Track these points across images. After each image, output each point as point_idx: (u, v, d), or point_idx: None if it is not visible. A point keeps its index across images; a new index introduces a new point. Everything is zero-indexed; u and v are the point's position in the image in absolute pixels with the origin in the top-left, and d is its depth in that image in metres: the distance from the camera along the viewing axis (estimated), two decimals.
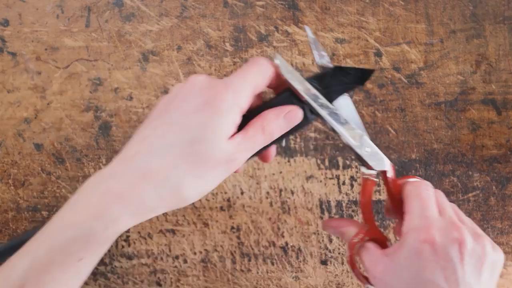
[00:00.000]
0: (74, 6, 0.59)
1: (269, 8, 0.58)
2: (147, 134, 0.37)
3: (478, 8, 0.57)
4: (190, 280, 0.59)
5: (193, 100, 0.37)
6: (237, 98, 0.37)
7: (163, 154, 0.36)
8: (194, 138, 0.36)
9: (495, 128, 0.57)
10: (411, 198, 0.41)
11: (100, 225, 0.34)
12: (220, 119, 0.36)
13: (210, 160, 0.36)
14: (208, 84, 0.37)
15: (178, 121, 0.36)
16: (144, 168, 0.35)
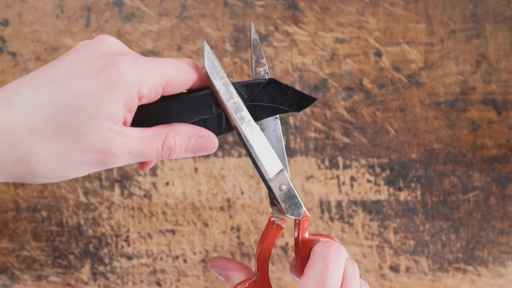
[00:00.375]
0: (74, 6, 0.59)
1: (269, 8, 0.58)
2: (21, 81, 0.30)
3: (478, 8, 0.57)
4: (190, 280, 0.59)
5: (89, 62, 0.30)
6: (141, 80, 0.30)
7: (22, 112, 0.29)
8: (70, 105, 0.29)
9: (495, 128, 0.57)
10: (315, 259, 0.35)
11: None
12: (110, 97, 0.29)
13: (80, 140, 0.29)
14: (114, 50, 0.31)
15: (60, 80, 0.30)
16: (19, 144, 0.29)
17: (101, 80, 0.29)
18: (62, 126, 0.29)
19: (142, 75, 0.30)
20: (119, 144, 0.30)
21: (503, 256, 0.57)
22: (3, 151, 0.29)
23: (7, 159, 0.29)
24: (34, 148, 0.29)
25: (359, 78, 0.58)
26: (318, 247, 0.36)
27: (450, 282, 0.58)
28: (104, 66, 0.30)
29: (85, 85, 0.29)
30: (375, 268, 0.58)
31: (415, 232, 0.58)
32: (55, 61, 0.32)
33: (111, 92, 0.29)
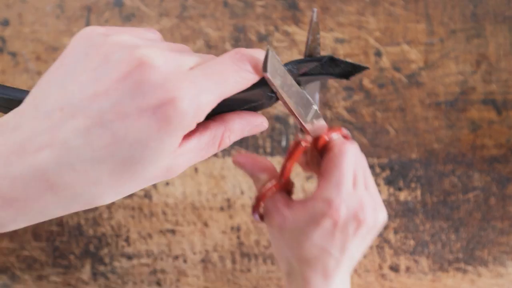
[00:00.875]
0: (74, 6, 0.59)
1: (269, 8, 0.58)
2: (59, 121, 0.26)
3: (479, 8, 0.57)
4: (190, 280, 0.59)
5: (139, 96, 0.26)
6: (201, 114, 0.28)
7: (81, 169, 0.26)
8: (130, 156, 0.27)
9: (496, 128, 0.57)
10: (332, 165, 0.42)
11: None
12: (171, 139, 0.27)
13: (144, 176, 0.28)
14: (164, 77, 0.26)
15: (111, 126, 0.26)
16: (51, 179, 0.26)
17: (160, 124, 0.26)
18: (126, 173, 0.27)
19: (202, 107, 0.27)
20: (181, 163, 0.29)
21: (503, 256, 0.57)
22: (67, 203, 0.27)
23: (73, 207, 0.28)
24: (99, 194, 0.28)
25: (359, 78, 0.58)
26: (334, 153, 0.42)
27: (450, 282, 0.58)
28: (159, 105, 0.26)
29: (143, 131, 0.26)
30: (375, 268, 0.58)
31: (415, 232, 0.58)
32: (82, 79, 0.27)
33: (172, 134, 0.27)
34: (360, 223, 0.42)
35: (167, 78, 0.26)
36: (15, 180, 0.26)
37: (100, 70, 0.27)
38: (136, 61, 0.26)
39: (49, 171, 0.26)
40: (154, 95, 0.26)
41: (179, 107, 0.26)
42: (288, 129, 0.58)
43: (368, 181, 0.44)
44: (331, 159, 0.42)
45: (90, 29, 0.29)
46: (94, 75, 0.27)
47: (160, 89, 0.26)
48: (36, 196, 0.26)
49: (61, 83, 0.27)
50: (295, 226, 0.42)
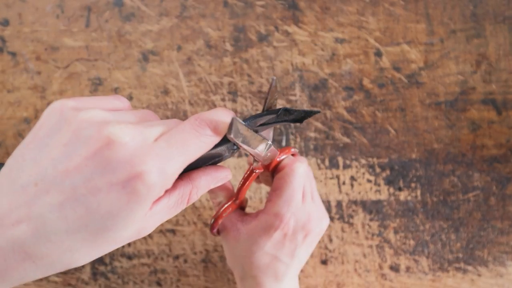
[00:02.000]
0: (74, 6, 0.59)
1: (269, 8, 0.58)
2: (34, 195, 0.28)
3: (478, 8, 0.57)
4: (191, 280, 0.59)
5: (110, 174, 0.28)
6: (168, 182, 0.30)
7: (56, 240, 0.28)
8: (102, 226, 0.29)
9: (495, 128, 0.57)
10: (283, 182, 0.45)
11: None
12: (141, 207, 0.29)
13: (116, 242, 0.30)
14: (131, 153, 0.28)
15: (84, 200, 0.28)
16: (28, 250, 0.28)
17: (129, 196, 0.28)
18: (99, 240, 0.29)
19: (168, 176, 0.30)
20: (151, 223, 0.31)
21: (503, 256, 0.57)
22: (45, 269, 0.29)
23: (52, 271, 0.30)
24: (75, 260, 0.30)
25: (359, 78, 0.58)
26: (286, 172, 0.45)
27: (450, 282, 0.58)
28: (128, 180, 0.28)
29: (114, 204, 0.28)
30: (375, 268, 0.58)
31: (415, 232, 0.58)
32: (55, 154, 0.29)
33: (141, 203, 0.29)
34: (308, 232, 0.46)
35: (134, 153, 0.28)
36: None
37: (71, 146, 0.29)
38: (105, 139, 0.28)
39: (26, 243, 0.28)
40: (123, 170, 0.28)
41: (147, 180, 0.28)
42: (288, 129, 0.58)
43: (314, 193, 0.48)
44: (282, 177, 0.45)
45: (60, 103, 0.31)
46: (66, 150, 0.29)
47: (128, 165, 0.28)
48: (15, 266, 0.28)
49: (34, 157, 0.29)
50: (249, 237, 0.46)
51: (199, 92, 0.59)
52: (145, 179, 0.28)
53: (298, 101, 0.58)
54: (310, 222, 0.46)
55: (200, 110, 0.59)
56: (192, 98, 0.58)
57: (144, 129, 0.30)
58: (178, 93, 0.59)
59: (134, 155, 0.28)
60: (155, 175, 0.29)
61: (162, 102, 0.59)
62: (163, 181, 0.29)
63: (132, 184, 0.28)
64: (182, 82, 0.59)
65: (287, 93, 0.58)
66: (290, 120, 0.38)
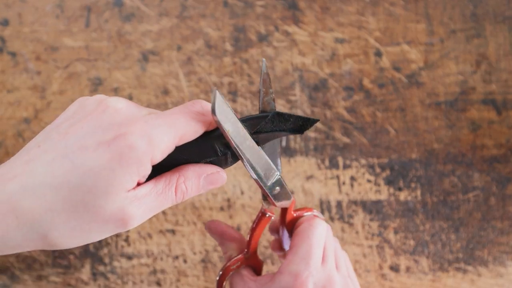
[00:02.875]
0: (74, 6, 0.59)
1: (269, 8, 0.58)
2: (33, 155, 0.31)
3: (479, 8, 0.57)
4: (190, 280, 0.59)
5: (99, 133, 0.30)
6: (153, 149, 0.30)
7: (40, 193, 0.29)
8: (84, 184, 0.29)
9: (495, 128, 0.57)
10: (300, 238, 0.41)
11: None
12: (123, 171, 0.30)
13: (96, 215, 0.30)
14: (123, 117, 0.31)
15: (72, 156, 0.30)
16: (14, 202, 0.29)
17: (112, 154, 0.30)
18: (80, 203, 0.30)
19: (153, 143, 0.30)
20: (136, 207, 0.31)
21: (503, 256, 0.57)
22: (26, 229, 0.30)
23: (30, 236, 0.30)
24: (55, 225, 0.30)
25: (359, 78, 0.58)
26: (303, 226, 0.41)
27: (450, 282, 0.58)
28: (114, 139, 0.30)
29: (97, 161, 0.29)
30: (375, 268, 0.58)
31: (415, 232, 0.58)
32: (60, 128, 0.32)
33: (123, 166, 0.30)
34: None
35: (125, 117, 0.31)
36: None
37: (75, 116, 0.32)
38: (103, 106, 0.32)
39: (14, 195, 0.29)
40: (111, 131, 0.30)
41: (129, 140, 0.30)
42: None
43: (340, 261, 0.43)
44: (300, 232, 0.41)
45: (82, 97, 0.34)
46: (71, 121, 0.32)
47: (116, 126, 0.30)
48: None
49: (47, 130, 0.32)
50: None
51: (199, 92, 0.59)
52: (127, 139, 0.30)
53: (298, 101, 0.58)
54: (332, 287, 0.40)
55: None
56: (192, 98, 0.58)
57: (140, 106, 0.33)
58: (178, 93, 0.59)
59: (124, 119, 0.31)
60: (138, 137, 0.30)
61: (162, 102, 0.59)
62: (146, 146, 0.30)
63: (116, 143, 0.30)
64: (182, 82, 0.59)
65: (287, 93, 0.58)
66: (289, 130, 0.36)
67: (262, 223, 0.41)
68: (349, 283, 0.42)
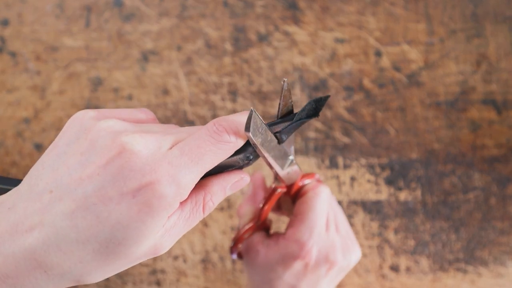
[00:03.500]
0: (74, 6, 0.59)
1: (269, 8, 0.58)
2: (47, 203, 0.28)
3: (479, 8, 0.57)
4: (190, 280, 0.59)
5: (120, 182, 0.28)
6: (181, 192, 0.29)
7: (66, 249, 0.28)
8: (114, 238, 0.28)
9: (496, 128, 0.57)
10: (306, 207, 0.43)
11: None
12: (154, 220, 0.28)
13: (130, 258, 0.29)
14: (143, 161, 0.28)
15: (95, 209, 0.28)
16: (39, 258, 0.28)
17: (140, 207, 0.28)
18: (111, 253, 0.29)
19: (182, 185, 0.29)
20: (166, 239, 0.30)
21: (504, 256, 0.57)
22: (57, 280, 0.29)
23: (63, 283, 0.29)
24: (87, 273, 0.29)
25: (359, 78, 0.58)
26: (309, 196, 0.43)
27: (450, 282, 0.58)
28: (138, 189, 0.28)
29: (124, 214, 0.28)
30: (375, 268, 0.58)
31: (415, 232, 0.58)
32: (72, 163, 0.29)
33: (154, 216, 0.28)
34: (332, 264, 0.43)
35: (146, 162, 0.28)
36: (7, 258, 0.28)
37: (87, 155, 0.29)
38: (118, 148, 0.28)
39: (37, 251, 0.28)
40: (133, 179, 0.28)
41: (158, 190, 0.28)
42: None
43: (339, 224, 0.46)
44: (305, 201, 0.43)
45: (82, 113, 0.31)
46: (81, 159, 0.29)
47: (139, 174, 0.28)
48: (26, 274, 0.28)
49: (53, 165, 0.29)
50: (267, 263, 0.43)
51: (199, 92, 0.59)
52: (156, 189, 0.28)
53: (298, 101, 0.58)
54: (335, 253, 0.43)
55: (200, 110, 0.59)
56: (192, 98, 0.58)
57: (160, 137, 0.30)
58: (178, 93, 0.59)
59: (146, 164, 0.28)
60: (166, 185, 0.28)
61: (162, 102, 0.59)
62: (175, 191, 0.28)
63: (142, 193, 0.28)
64: (182, 82, 0.59)
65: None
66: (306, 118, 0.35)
67: (273, 198, 0.43)
68: (348, 243, 0.45)
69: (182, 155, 0.29)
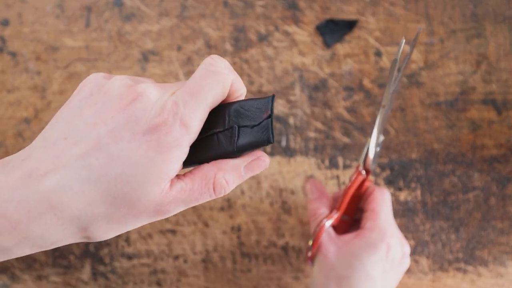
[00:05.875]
0: (74, 6, 0.59)
1: (269, 8, 0.58)
2: (63, 149, 0.30)
3: (479, 8, 0.57)
4: (191, 280, 0.59)
5: (133, 123, 0.30)
6: (189, 131, 0.30)
7: (78, 189, 0.29)
8: (123, 175, 0.29)
9: (495, 128, 0.57)
10: (380, 201, 0.50)
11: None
12: (162, 161, 0.30)
13: (134, 207, 0.30)
14: (157, 103, 0.30)
15: (107, 148, 0.29)
16: (52, 200, 0.29)
17: (150, 143, 0.29)
18: (118, 195, 0.30)
19: (189, 124, 0.30)
20: (171, 201, 0.31)
21: (504, 256, 0.57)
22: (66, 225, 0.30)
23: (70, 230, 0.30)
24: (94, 218, 0.30)
25: (359, 78, 0.58)
26: (379, 192, 0.50)
27: (450, 282, 0.58)
28: (150, 129, 0.30)
29: (134, 151, 0.29)
30: None
31: (415, 232, 0.58)
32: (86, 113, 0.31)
33: (163, 157, 0.30)
34: (404, 254, 0.50)
35: (156, 105, 0.30)
36: (20, 203, 0.29)
37: (101, 104, 0.31)
38: (133, 94, 0.30)
39: (50, 193, 0.29)
40: (145, 120, 0.30)
41: (167, 129, 0.30)
42: (288, 129, 0.58)
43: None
44: (377, 198, 0.50)
45: (94, 75, 0.33)
46: (96, 108, 0.31)
47: (150, 115, 0.30)
48: (37, 218, 0.29)
49: (67, 118, 0.31)
50: (350, 252, 0.48)
51: None
52: (165, 128, 0.30)
53: (298, 101, 0.58)
54: (403, 244, 0.50)
55: None
56: None
57: (167, 85, 0.32)
58: None
59: (156, 107, 0.30)
60: (175, 123, 0.30)
61: None
62: (182, 130, 0.30)
63: (152, 132, 0.29)
64: None
65: (287, 93, 0.58)
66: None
67: (356, 182, 0.48)
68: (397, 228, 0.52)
69: (183, 93, 0.31)
